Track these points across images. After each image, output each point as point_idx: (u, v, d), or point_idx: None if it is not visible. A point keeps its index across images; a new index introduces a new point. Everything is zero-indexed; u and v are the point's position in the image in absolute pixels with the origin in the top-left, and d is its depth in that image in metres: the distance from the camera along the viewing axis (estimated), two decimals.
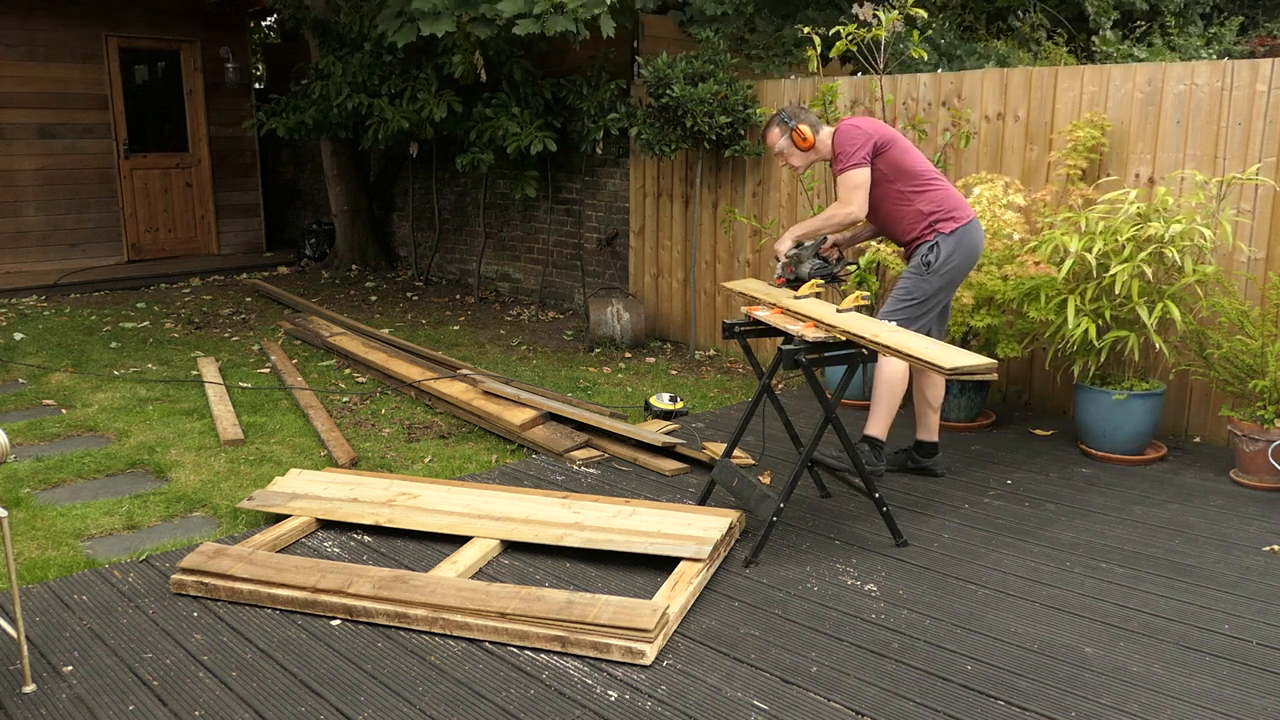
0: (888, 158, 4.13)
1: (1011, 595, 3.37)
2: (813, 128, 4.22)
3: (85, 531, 3.84)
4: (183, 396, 5.70)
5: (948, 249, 4.13)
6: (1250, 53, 8.46)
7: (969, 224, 4.18)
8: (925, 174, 4.18)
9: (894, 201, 4.19)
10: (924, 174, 4.18)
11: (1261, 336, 4.48)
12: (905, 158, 4.16)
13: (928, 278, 4.15)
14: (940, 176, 4.25)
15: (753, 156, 6.53)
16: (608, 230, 7.79)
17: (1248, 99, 4.71)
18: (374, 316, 8.04)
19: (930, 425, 4.48)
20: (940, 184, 4.21)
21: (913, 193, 4.16)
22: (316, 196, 11.14)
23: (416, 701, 2.71)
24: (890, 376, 4.15)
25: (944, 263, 4.13)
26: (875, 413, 4.21)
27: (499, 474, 4.52)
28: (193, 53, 10.26)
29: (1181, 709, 2.69)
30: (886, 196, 4.18)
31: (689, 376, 6.35)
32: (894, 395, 4.18)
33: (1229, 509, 4.15)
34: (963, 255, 4.16)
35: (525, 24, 6.19)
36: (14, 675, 2.82)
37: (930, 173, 4.20)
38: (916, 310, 4.15)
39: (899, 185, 4.16)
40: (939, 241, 4.14)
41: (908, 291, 4.17)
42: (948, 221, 4.15)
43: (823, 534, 3.88)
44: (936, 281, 4.16)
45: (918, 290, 4.16)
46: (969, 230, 4.18)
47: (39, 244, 9.41)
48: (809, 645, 3.02)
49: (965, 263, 4.20)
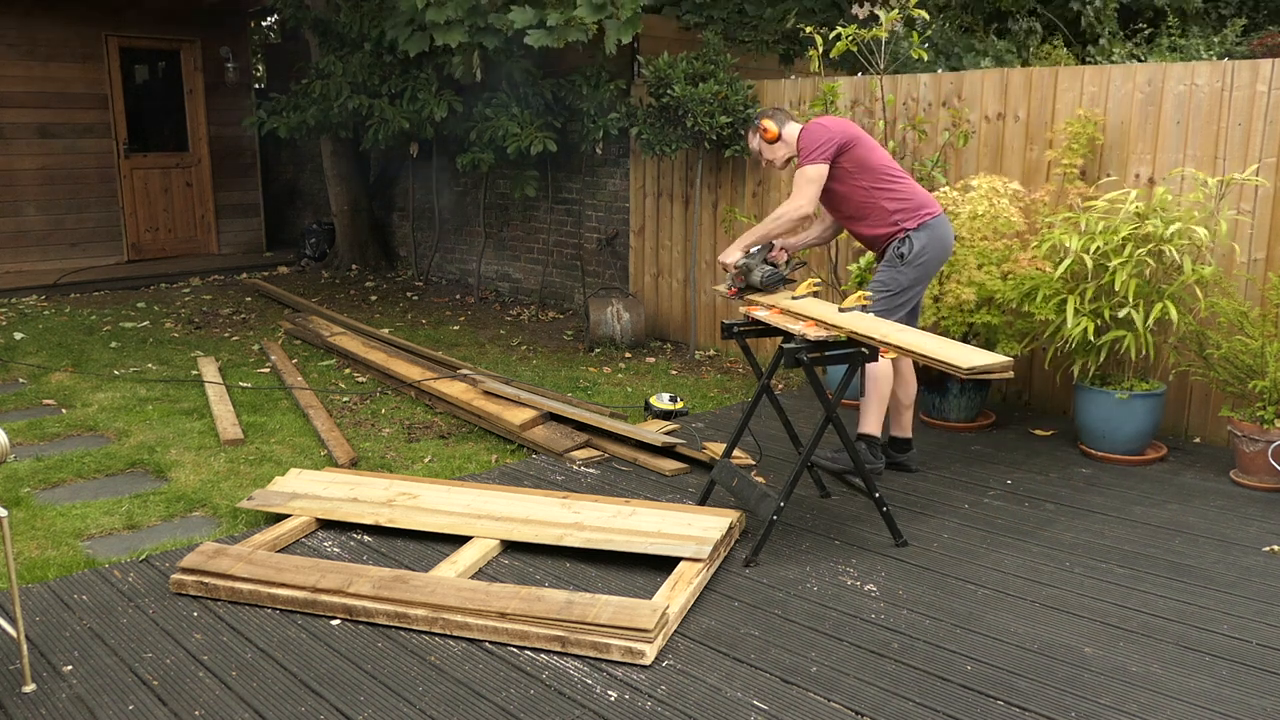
0: (853, 155, 4.16)
1: (1011, 595, 3.37)
2: (777, 122, 4.27)
3: (85, 531, 3.84)
4: (183, 396, 5.70)
5: (920, 242, 4.19)
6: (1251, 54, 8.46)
7: (937, 218, 4.25)
8: (890, 170, 4.23)
9: (860, 198, 4.23)
10: (889, 170, 4.23)
11: (1261, 337, 4.48)
12: (870, 155, 4.20)
13: (902, 270, 4.21)
14: (905, 175, 4.30)
15: (752, 156, 6.52)
16: (608, 230, 7.79)
17: (1248, 99, 4.71)
18: (374, 316, 8.04)
19: (904, 422, 4.54)
20: (905, 181, 4.26)
21: (878, 189, 4.20)
22: (316, 196, 11.14)
23: (416, 701, 2.71)
24: (875, 373, 4.18)
25: (917, 255, 4.19)
26: (867, 411, 4.24)
27: (499, 474, 4.52)
28: (193, 52, 10.25)
29: (1181, 709, 2.69)
30: (853, 193, 4.22)
31: (689, 376, 6.35)
32: (882, 391, 4.22)
33: (1229, 509, 4.15)
34: (935, 248, 4.22)
35: (538, 35, 6.20)
36: (14, 675, 2.82)
37: (896, 171, 4.26)
38: (893, 301, 4.20)
39: (864, 182, 4.19)
40: (910, 236, 4.20)
41: (883, 284, 4.23)
42: (915, 216, 4.21)
43: (823, 534, 3.88)
44: (911, 274, 4.21)
45: (893, 282, 4.21)
46: (938, 224, 4.24)
47: (39, 244, 9.41)
48: (809, 645, 3.02)
49: (937, 255, 4.26)
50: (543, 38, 6.19)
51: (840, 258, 6.14)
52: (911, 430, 4.59)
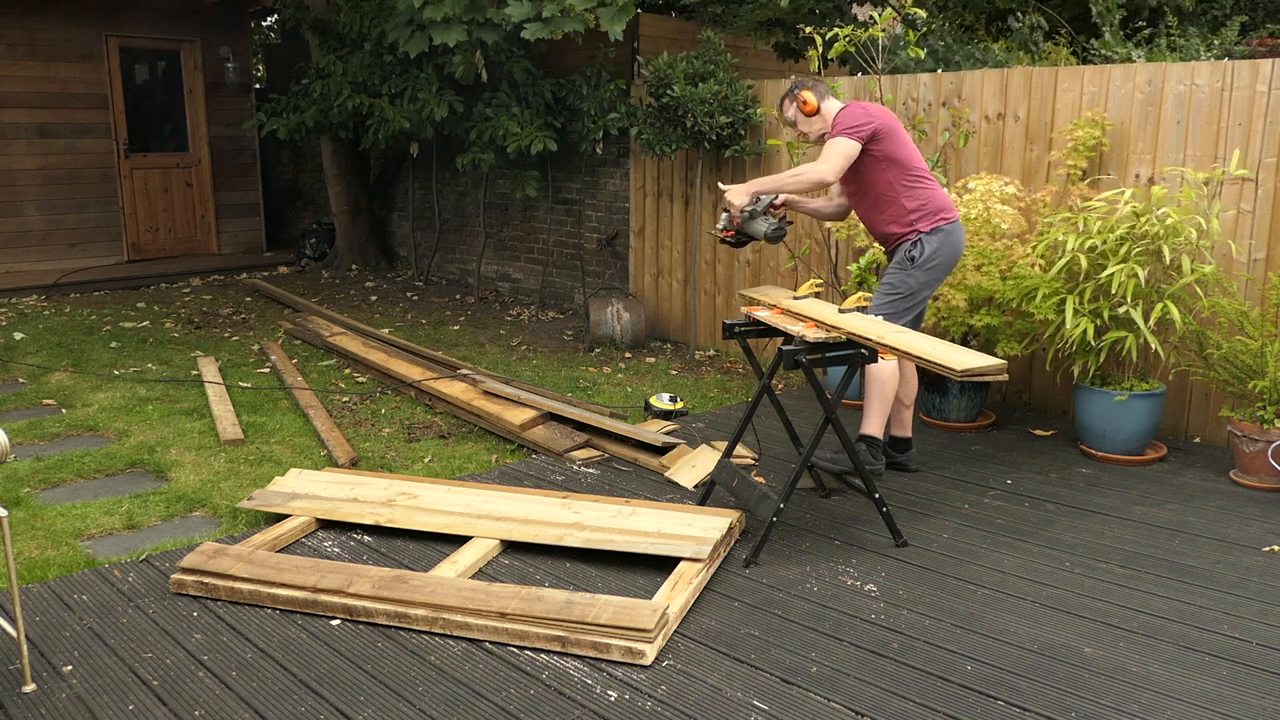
0: (885, 146, 4.14)
1: (1011, 595, 3.37)
2: (818, 95, 4.25)
3: (85, 531, 3.84)
4: (183, 396, 5.70)
5: (931, 246, 4.18)
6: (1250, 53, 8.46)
7: (953, 224, 4.24)
8: (918, 170, 4.21)
9: (882, 190, 4.21)
10: (917, 170, 4.21)
11: (1261, 337, 4.48)
12: (901, 150, 4.18)
13: (912, 272, 4.20)
14: (931, 177, 4.28)
15: (753, 156, 6.52)
16: (608, 230, 7.79)
17: (1248, 99, 4.71)
18: (374, 316, 8.04)
19: (904, 421, 4.54)
20: (930, 183, 4.25)
21: (901, 185, 4.19)
22: (316, 196, 11.14)
23: (416, 701, 2.71)
24: (880, 374, 4.18)
25: (928, 259, 4.18)
26: (869, 412, 4.24)
27: (499, 474, 4.52)
28: (193, 52, 10.25)
29: (1181, 709, 2.69)
30: (876, 183, 4.21)
31: (689, 376, 6.35)
32: (885, 393, 4.21)
33: (1229, 509, 4.15)
34: (946, 253, 4.21)
35: (534, 28, 6.19)
36: (14, 675, 2.82)
37: (923, 170, 4.24)
38: (902, 304, 4.20)
39: (889, 175, 4.18)
40: (922, 238, 4.19)
41: (893, 287, 4.22)
42: (930, 219, 4.19)
43: (823, 534, 3.88)
44: (921, 277, 4.20)
45: (902, 285, 4.21)
46: (953, 230, 4.24)
47: (39, 244, 9.41)
48: (809, 645, 3.02)
49: (947, 260, 4.25)
50: (539, 30, 6.18)
51: (840, 258, 6.14)
52: (911, 430, 4.59)
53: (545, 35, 6.18)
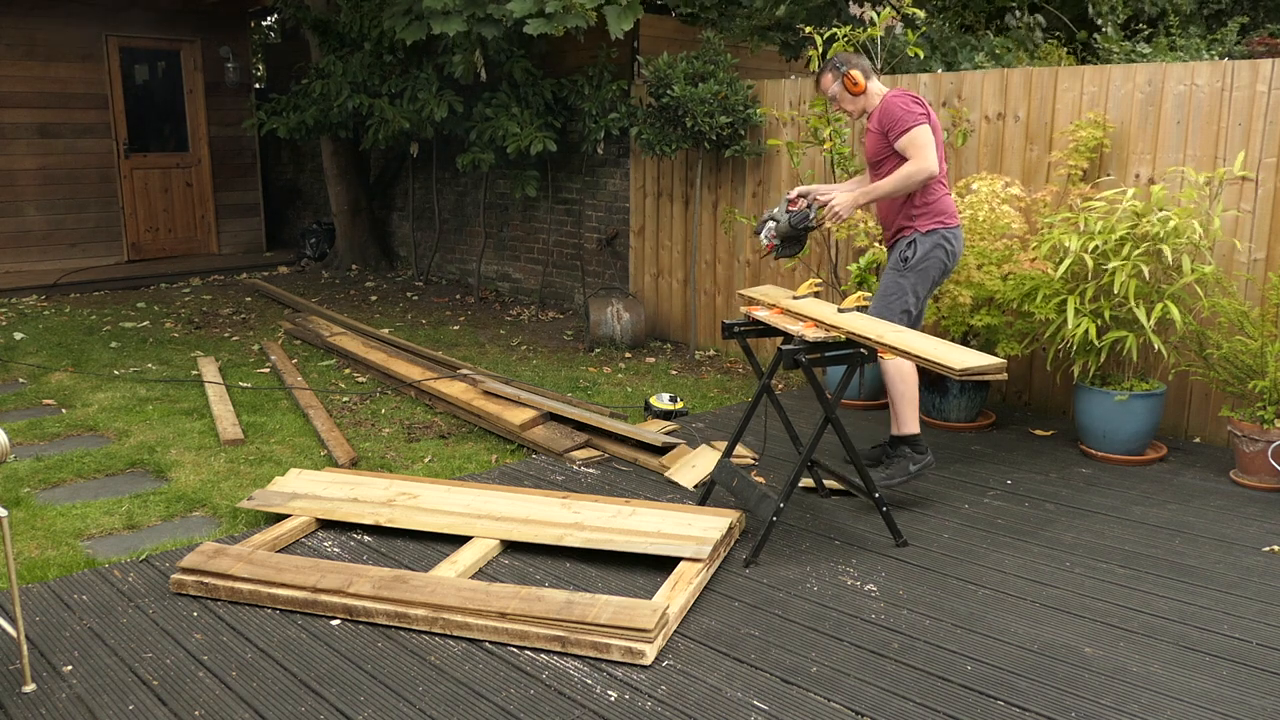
0: None
1: (1011, 595, 3.37)
2: (865, 74, 4.29)
3: (85, 531, 3.84)
4: (183, 396, 5.70)
5: (924, 247, 4.23)
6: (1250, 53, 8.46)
7: (951, 229, 4.29)
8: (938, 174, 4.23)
9: None
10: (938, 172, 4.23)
11: (1261, 337, 4.48)
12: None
13: (905, 274, 4.26)
14: (945, 184, 4.33)
15: (753, 157, 6.53)
16: (608, 230, 7.79)
17: (1248, 99, 4.71)
18: (374, 316, 8.04)
19: None
20: (940, 188, 4.29)
21: None
22: (316, 196, 11.14)
23: (416, 701, 2.71)
24: (900, 371, 4.21)
25: (919, 260, 4.23)
26: (900, 412, 4.27)
27: (499, 474, 4.52)
28: (193, 52, 10.26)
29: (1181, 709, 2.69)
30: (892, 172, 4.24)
31: (689, 376, 6.35)
32: (910, 389, 4.25)
33: (1229, 509, 4.15)
34: (939, 256, 4.26)
35: (537, 23, 6.17)
36: (14, 675, 2.82)
37: (941, 174, 4.27)
38: (898, 306, 4.24)
39: None
40: (916, 239, 4.24)
41: (886, 290, 4.29)
42: (930, 219, 4.24)
43: (823, 534, 3.88)
44: (912, 278, 4.25)
45: (896, 287, 4.27)
46: (951, 234, 4.28)
47: (39, 244, 9.41)
48: (809, 645, 3.02)
49: (940, 264, 4.29)
50: (542, 25, 6.17)
51: (840, 258, 6.14)
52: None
53: (548, 30, 6.16)
